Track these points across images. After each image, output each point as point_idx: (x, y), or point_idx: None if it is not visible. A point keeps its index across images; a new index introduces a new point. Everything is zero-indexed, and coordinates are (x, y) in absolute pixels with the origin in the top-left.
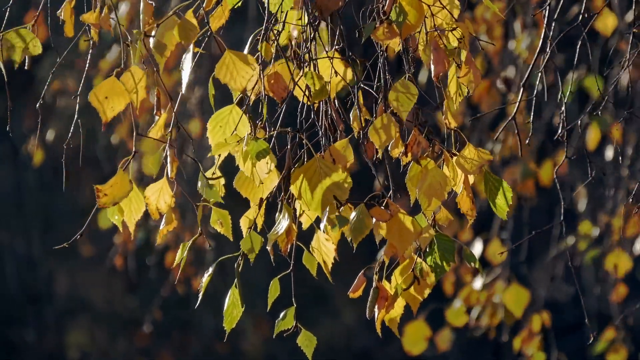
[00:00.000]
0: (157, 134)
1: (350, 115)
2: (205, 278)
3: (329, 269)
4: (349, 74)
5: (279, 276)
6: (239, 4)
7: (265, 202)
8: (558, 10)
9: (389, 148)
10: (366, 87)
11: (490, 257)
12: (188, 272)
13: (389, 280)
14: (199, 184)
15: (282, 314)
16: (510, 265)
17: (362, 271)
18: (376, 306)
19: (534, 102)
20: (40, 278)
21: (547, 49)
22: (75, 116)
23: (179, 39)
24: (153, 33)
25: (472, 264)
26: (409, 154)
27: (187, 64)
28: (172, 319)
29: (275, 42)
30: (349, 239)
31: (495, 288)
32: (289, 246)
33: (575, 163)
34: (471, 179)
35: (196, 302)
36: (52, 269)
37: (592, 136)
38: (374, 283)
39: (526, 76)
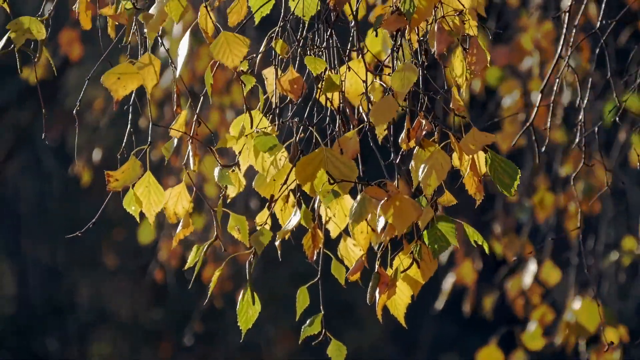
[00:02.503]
0: (177, 133)
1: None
2: (216, 273)
3: (357, 276)
4: (370, 77)
5: (306, 285)
6: (267, 12)
7: (278, 198)
8: (579, 15)
9: (399, 140)
10: (382, 84)
11: (545, 277)
12: (225, 287)
13: (392, 266)
14: (215, 171)
15: (308, 321)
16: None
17: (363, 255)
18: (377, 291)
19: (551, 107)
20: (64, 288)
21: (568, 53)
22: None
23: (170, 13)
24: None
25: (477, 243)
26: (412, 139)
27: (184, 44)
28: (195, 332)
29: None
30: (350, 222)
31: (567, 305)
32: (315, 253)
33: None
34: (482, 165)
35: (230, 315)
36: (76, 279)
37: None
38: (375, 268)
39: (544, 82)
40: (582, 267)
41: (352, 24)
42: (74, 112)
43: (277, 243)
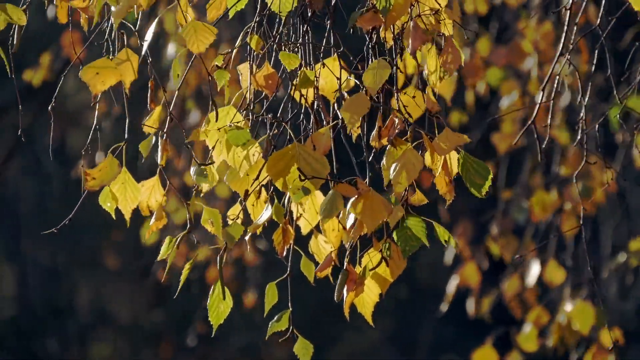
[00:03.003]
0: (151, 128)
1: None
2: (186, 267)
3: (328, 272)
4: (344, 74)
5: (275, 281)
6: (242, 6)
7: (251, 194)
8: (580, 13)
9: (371, 138)
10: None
11: (549, 278)
12: (231, 289)
13: (360, 264)
14: (192, 170)
15: (276, 316)
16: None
17: (332, 252)
18: (345, 289)
19: (552, 105)
20: (64, 289)
21: (569, 49)
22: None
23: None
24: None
25: (446, 241)
26: (384, 138)
27: (150, 32)
28: (198, 332)
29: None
30: (320, 218)
31: (560, 307)
32: (285, 249)
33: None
34: (454, 165)
35: (230, 316)
36: (76, 280)
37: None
38: (344, 265)
39: (546, 80)
40: (578, 269)
41: (328, 20)
42: (49, 108)
43: (246, 238)
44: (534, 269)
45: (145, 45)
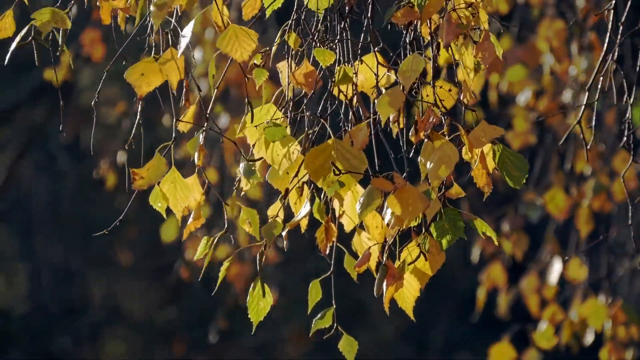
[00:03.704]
0: (186, 127)
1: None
2: (224, 264)
3: (373, 268)
4: (382, 70)
5: (319, 279)
6: (278, 5)
7: (291, 191)
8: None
9: (409, 133)
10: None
11: (570, 276)
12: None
13: (399, 258)
14: (240, 167)
15: (320, 314)
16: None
17: (370, 247)
18: (384, 284)
19: (595, 106)
20: (77, 287)
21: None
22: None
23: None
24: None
25: (484, 233)
26: (420, 132)
27: (188, 29)
28: (211, 329)
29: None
30: (358, 213)
31: (574, 305)
32: (328, 247)
33: None
34: (492, 158)
35: (243, 315)
36: (89, 278)
37: None
38: (383, 261)
39: (590, 81)
40: (595, 266)
41: (366, 16)
42: (92, 103)
43: (284, 233)
44: (556, 267)
45: (184, 41)
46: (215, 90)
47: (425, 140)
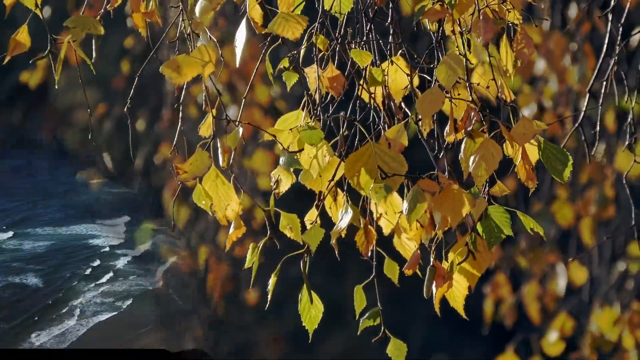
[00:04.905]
0: (207, 130)
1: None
2: (272, 278)
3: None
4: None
5: (362, 284)
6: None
7: (327, 194)
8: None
9: (445, 133)
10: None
11: (572, 278)
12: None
13: (447, 259)
14: (281, 159)
15: (367, 313)
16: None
17: (417, 248)
18: (434, 285)
19: (599, 110)
20: None
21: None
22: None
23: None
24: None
25: (532, 229)
26: (460, 131)
27: (241, 34)
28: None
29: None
30: (406, 216)
31: (591, 316)
32: (370, 249)
33: None
34: (533, 153)
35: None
36: None
37: None
38: (430, 262)
39: (591, 82)
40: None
41: (391, 19)
42: (125, 109)
43: (332, 242)
44: (561, 272)
45: (240, 45)
46: (245, 95)
47: (466, 138)
